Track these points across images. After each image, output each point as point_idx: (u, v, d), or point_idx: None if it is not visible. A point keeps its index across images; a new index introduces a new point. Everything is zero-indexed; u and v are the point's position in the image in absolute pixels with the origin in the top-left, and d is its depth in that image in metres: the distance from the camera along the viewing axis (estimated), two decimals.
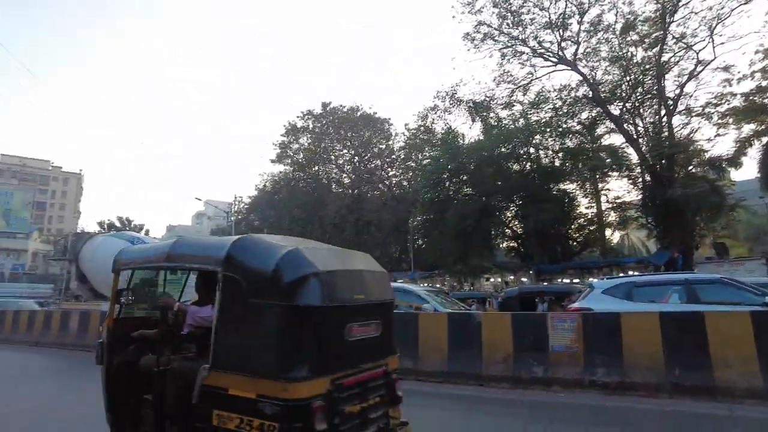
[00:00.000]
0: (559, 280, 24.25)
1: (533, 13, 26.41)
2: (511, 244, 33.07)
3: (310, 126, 47.80)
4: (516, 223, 31.02)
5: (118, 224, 45.12)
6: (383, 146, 47.31)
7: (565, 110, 28.06)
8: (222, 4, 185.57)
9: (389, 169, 46.97)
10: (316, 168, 48.23)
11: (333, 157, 47.61)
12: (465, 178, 30.33)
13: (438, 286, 24.57)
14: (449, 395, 6.96)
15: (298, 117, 47.76)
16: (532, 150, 29.53)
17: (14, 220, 67.14)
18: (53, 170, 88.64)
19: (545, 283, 22.11)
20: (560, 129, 28.08)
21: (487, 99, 30.23)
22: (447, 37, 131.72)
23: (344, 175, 48.26)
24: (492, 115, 31.71)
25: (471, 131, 48.94)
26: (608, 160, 26.45)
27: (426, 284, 24.75)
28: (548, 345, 7.46)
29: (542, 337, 7.51)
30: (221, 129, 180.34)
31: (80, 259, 16.22)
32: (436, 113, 35.12)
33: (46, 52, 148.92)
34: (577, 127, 28.88)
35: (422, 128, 39.97)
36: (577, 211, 30.71)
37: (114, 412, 3.77)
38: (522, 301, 12.98)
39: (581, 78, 26.39)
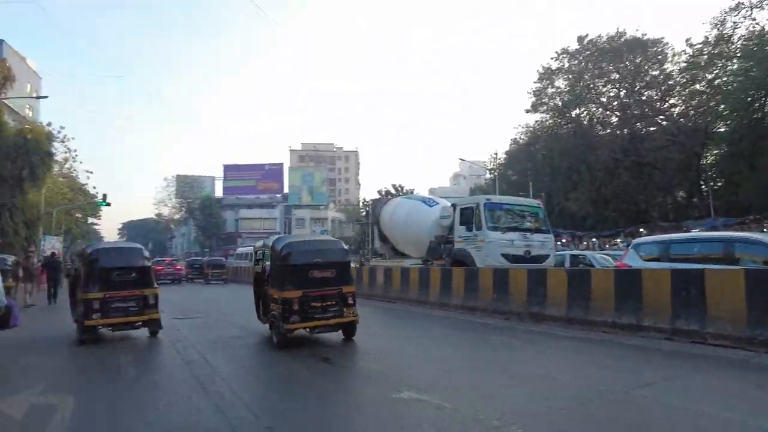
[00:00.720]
0: None
1: None
2: None
3: (566, 65, 43.93)
4: None
5: (393, 191, 50.84)
6: (656, 72, 40.08)
7: None
8: None
9: (668, 99, 39.64)
10: (577, 111, 44.29)
11: (596, 95, 42.86)
12: None
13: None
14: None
15: (552, 59, 44.43)
16: None
17: (316, 195, 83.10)
18: (337, 151, 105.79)
19: None
20: None
21: None
22: None
23: (611, 114, 43.02)
24: None
25: None
26: None
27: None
28: None
29: None
30: (471, 87, 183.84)
31: (380, 221, 18.56)
32: (737, 14, 27.62)
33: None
34: None
35: (712, 41, 32.04)
36: None
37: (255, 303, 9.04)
38: None
39: None
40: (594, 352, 6.88)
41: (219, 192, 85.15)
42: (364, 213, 74.60)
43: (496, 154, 55.70)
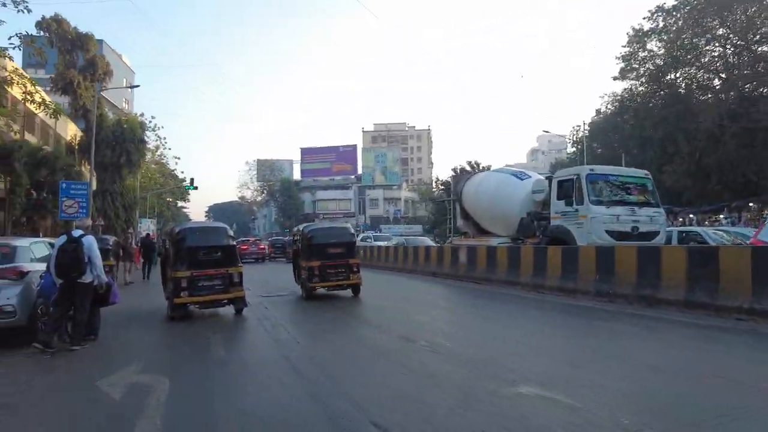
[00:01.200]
0: None
1: None
2: None
3: (661, 25, 39.66)
4: None
5: (468, 168, 49.26)
6: None
7: None
8: None
9: None
10: (674, 75, 40.05)
11: (697, 56, 38.44)
12: None
13: None
14: None
15: (644, 18, 40.30)
16: None
17: (389, 175, 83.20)
18: (409, 130, 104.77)
19: None
20: None
21: None
22: None
23: (714, 76, 38.47)
24: None
25: None
26: None
27: None
28: None
29: None
30: (560, 63, 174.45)
31: (463, 197, 17.71)
32: None
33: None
34: None
35: None
36: None
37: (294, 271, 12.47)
38: None
39: None
40: (733, 343, 5.82)
41: (297, 174, 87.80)
42: (436, 192, 73.76)
43: (579, 125, 51.87)
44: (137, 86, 30.13)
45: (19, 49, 9.33)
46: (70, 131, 37.14)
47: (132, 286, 15.53)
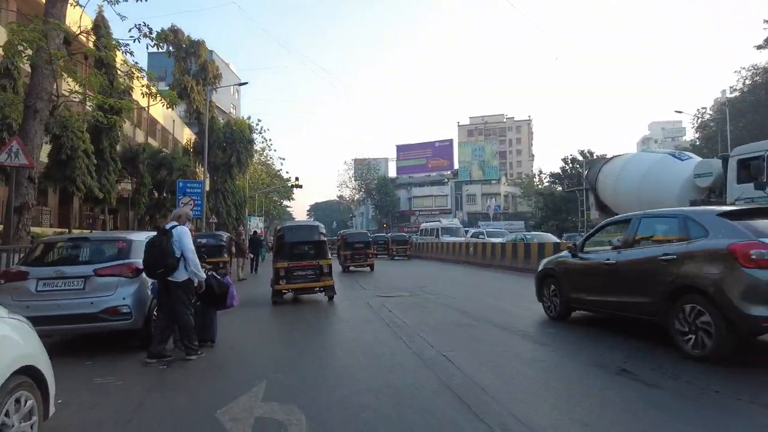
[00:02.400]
0: None
1: None
2: None
3: None
4: None
5: (580, 158, 45.21)
6: None
7: None
8: None
9: None
10: None
11: None
12: None
13: None
14: None
15: None
16: None
17: (488, 169, 79.74)
18: (507, 121, 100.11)
19: None
20: None
21: None
22: None
23: None
24: None
25: None
26: None
27: None
28: None
29: None
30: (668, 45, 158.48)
31: (598, 186, 15.27)
32: None
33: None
34: None
35: None
36: None
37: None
38: None
39: None
40: None
41: (392, 172, 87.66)
42: (540, 186, 69.25)
43: (704, 109, 45.15)
44: (245, 83, 31.26)
45: (138, 41, 8.90)
46: (186, 136, 39.59)
47: (244, 282, 15.31)
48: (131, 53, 10.26)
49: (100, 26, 17.64)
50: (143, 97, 10.20)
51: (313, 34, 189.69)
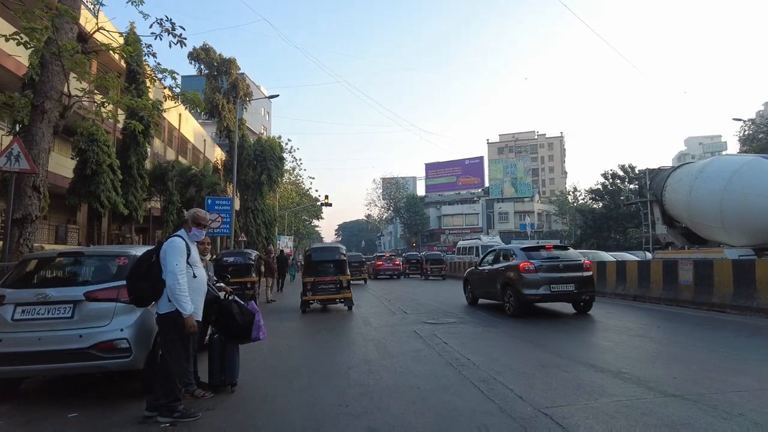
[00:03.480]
0: None
1: None
2: None
3: None
4: None
5: (621, 173, 42.92)
6: None
7: None
8: None
9: None
10: None
11: None
12: None
13: None
14: None
15: None
16: None
17: (521, 186, 77.51)
18: (538, 138, 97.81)
19: None
20: None
21: None
22: None
23: None
24: None
25: None
26: None
27: None
28: None
29: None
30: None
31: (665, 197, 13.54)
32: None
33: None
34: None
35: None
36: None
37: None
38: None
39: None
40: None
41: (421, 191, 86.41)
42: (575, 203, 66.60)
43: (748, 120, 42.33)
44: (277, 95, 30.37)
45: (160, 38, 7.98)
46: (217, 155, 39.37)
47: (272, 305, 14.14)
48: (153, 55, 9.33)
49: (130, 42, 17.19)
50: (165, 100, 9.30)
51: (345, 55, 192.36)
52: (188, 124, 35.35)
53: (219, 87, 32.93)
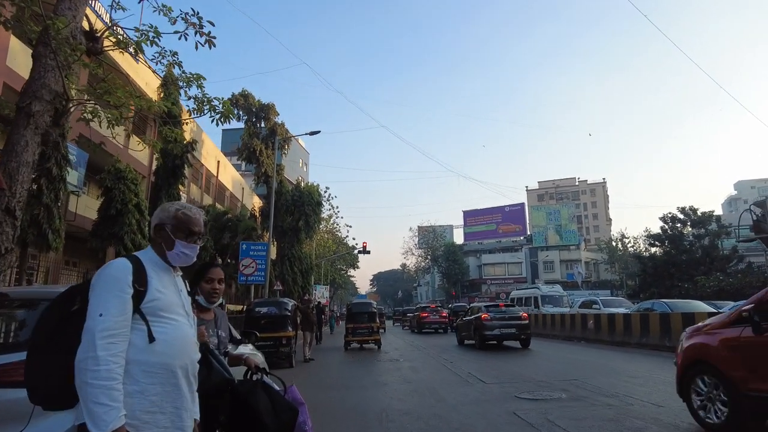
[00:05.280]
0: None
1: None
2: None
3: None
4: None
5: (681, 216, 39.49)
6: None
7: None
8: None
9: None
10: None
11: None
12: None
13: None
14: None
15: None
16: None
17: (566, 234, 73.74)
18: (580, 184, 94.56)
19: None
20: None
21: None
22: None
23: None
24: None
25: None
26: None
27: None
28: None
29: None
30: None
31: None
32: None
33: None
34: None
35: None
36: None
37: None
38: None
39: None
40: None
41: (458, 239, 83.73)
42: (622, 250, 62.59)
43: None
44: (318, 131, 29.18)
45: (185, 39, 6.50)
46: (255, 203, 38.50)
47: (311, 364, 11.94)
48: (179, 65, 7.84)
49: (168, 84, 16.34)
50: (189, 113, 7.75)
51: (381, 102, 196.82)
52: (226, 172, 34.74)
53: (257, 132, 32.35)
